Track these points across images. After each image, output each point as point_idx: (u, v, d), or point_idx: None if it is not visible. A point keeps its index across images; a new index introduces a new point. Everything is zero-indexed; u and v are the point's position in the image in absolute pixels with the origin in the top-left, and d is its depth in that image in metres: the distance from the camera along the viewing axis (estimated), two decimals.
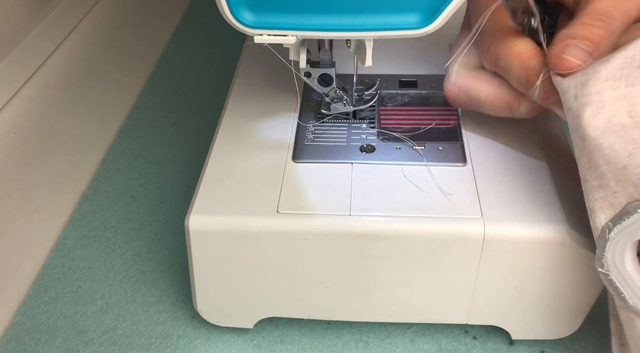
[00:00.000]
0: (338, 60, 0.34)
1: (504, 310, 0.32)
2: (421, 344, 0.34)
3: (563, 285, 0.30)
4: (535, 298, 0.31)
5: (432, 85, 0.38)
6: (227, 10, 0.26)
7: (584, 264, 0.29)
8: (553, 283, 0.30)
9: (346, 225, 0.29)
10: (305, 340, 0.34)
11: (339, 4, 0.26)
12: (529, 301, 0.31)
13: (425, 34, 0.27)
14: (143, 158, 0.48)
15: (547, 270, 0.30)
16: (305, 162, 0.33)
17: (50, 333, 0.35)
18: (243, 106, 0.37)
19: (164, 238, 0.41)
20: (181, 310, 0.36)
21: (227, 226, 0.30)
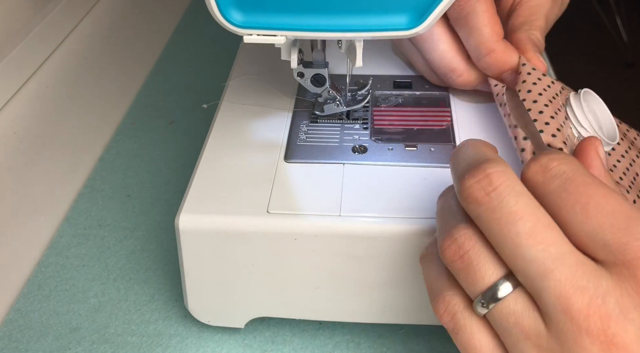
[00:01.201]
0: (331, 61, 0.34)
1: None
2: (413, 345, 0.34)
3: None
4: None
5: (427, 87, 0.38)
6: (216, 10, 0.26)
7: None
8: None
9: (336, 226, 0.29)
10: (296, 340, 0.34)
11: (328, 5, 0.26)
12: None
13: (416, 34, 0.27)
14: (140, 157, 0.48)
15: None
16: (297, 162, 0.33)
17: (43, 331, 0.35)
18: (237, 106, 0.37)
19: (158, 237, 0.41)
20: (173, 309, 0.36)
21: (217, 225, 0.30)
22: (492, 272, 0.21)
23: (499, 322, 0.21)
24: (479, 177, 0.22)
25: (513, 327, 0.21)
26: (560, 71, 0.55)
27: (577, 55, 1.57)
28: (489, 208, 0.21)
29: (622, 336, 0.19)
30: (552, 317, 0.20)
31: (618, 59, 1.65)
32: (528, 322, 0.20)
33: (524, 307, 0.21)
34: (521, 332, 0.21)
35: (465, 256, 0.22)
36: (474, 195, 0.22)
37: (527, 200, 0.21)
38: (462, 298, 0.23)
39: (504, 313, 0.21)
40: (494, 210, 0.21)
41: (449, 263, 0.23)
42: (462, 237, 0.22)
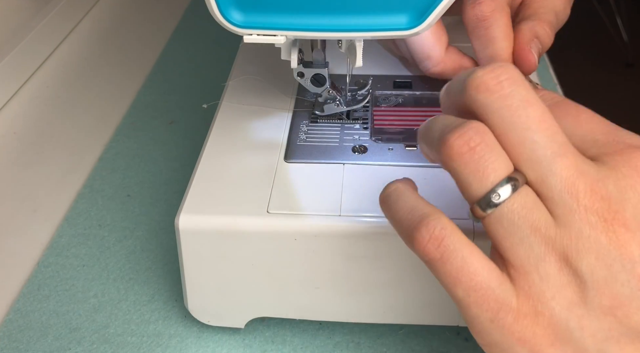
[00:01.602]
0: (331, 61, 0.34)
1: None
2: (412, 345, 0.34)
3: None
4: None
5: (427, 86, 0.38)
6: (216, 9, 0.26)
7: None
8: None
9: (336, 226, 0.29)
10: (296, 340, 0.34)
11: (328, 4, 0.26)
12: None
13: (416, 34, 0.27)
14: (140, 157, 0.48)
15: None
16: (297, 162, 0.33)
17: (43, 331, 0.35)
18: (237, 106, 0.37)
19: (158, 237, 0.41)
20: (173, 309, 0.36)
21: (217, 226, 0.30)
22: (505, 165, 0.21)
23: (507, 218, 0.21)
24: (489, 69, 0.22)
25: (522, 221, 0.21)
26: (561, 71, 0.55)
27: (577, 55, 1.57)
28: (501, 96, 0.21)
29: (622, 213, 0.20)
30: (558, 203, 0.20)
31: (618, 59, 1.65)
32: (537, 214, 0.20)
33: (534, 200, 0.21)
34: (530, 225, 0.20)
35: (477, 148, 0.21)
36: (486, 83, 0.21)
37: (534, 94, 0.22)
38: (449, 222, 0.22)
39: (515, 207, 0.21)
40: (506, 97, 0.21)
41: (456, 157, 0.21)
42: (472, 130, 0.21)
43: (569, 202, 0.20)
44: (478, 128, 0.21)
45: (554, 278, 0.20)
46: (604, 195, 0.20)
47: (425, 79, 0.39)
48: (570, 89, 0.39)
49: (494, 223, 0.21)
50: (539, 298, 0.20)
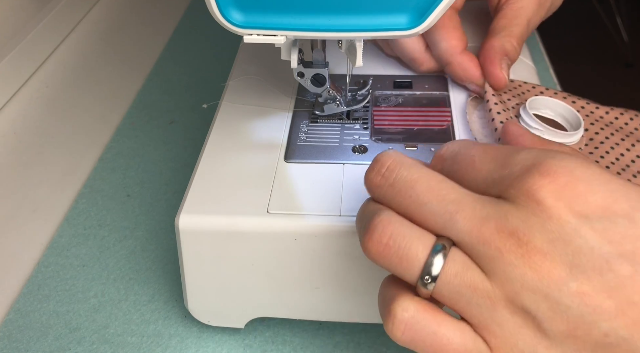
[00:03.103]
0: (331, 61, 0.34)
1: None
2: None
3: None
4: None
5: (427, 86, 0.38)
6: (216, 9, 0.26)
7: None
8: None
9: (336, 226, 0.29)
10: (296, 340, 0.34)
11: (329, 4, 0.26)
12: None
13: (415, 34, 0.27)
14: (140, 157, 0.48)
15: None
16: (297, 162, 0.33)
17: (43, 331, 0.35)
18: (237, 106, 0.37)
19: (158, 237, 0.41)
20: (173, 309, 0.36)
21: (217, 226, 0.30)
22: (422, 244, 0.22)
23: (447, 289, 0.22)
24: (374, 166, 0.24)
25: (461, 286, 0.21)
26: (560, 71, 0.55)
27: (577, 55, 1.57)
28: (387, 186, 0.23)
29: (533, 242, 0.20)
30: (479, 255, 0.21)
31: (618, 59, 1.65)
32: (470, 274, 0.21)
33: (463, 263, 0.22)
34: (468, 287, 0.21)
35: (389, 242, 0.22)
36: (373, 181, 0.24)
37: (417, 168, 0.23)
38: (411, 300, 0.22)
39: (449, 278, 0.22)
40: (392, 185, 0.23)
41: (377, 258, 0.23)
42: (379, 226, 0.23)
43: (486, 251, 0.21)
44: (382, 221, 0.23)
45: (511, 324, 0.21)
46: (511, 231, 0.20)
47: (425, 79, 0.39)
48: (570, 89, 0.39)
49: (440, 295, 0.22)
50: (506, 344, 0.21)
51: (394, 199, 0.23)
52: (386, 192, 0.23)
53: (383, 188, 0.23)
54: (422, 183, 0.23)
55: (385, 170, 0.24)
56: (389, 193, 0.23)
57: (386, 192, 0.23)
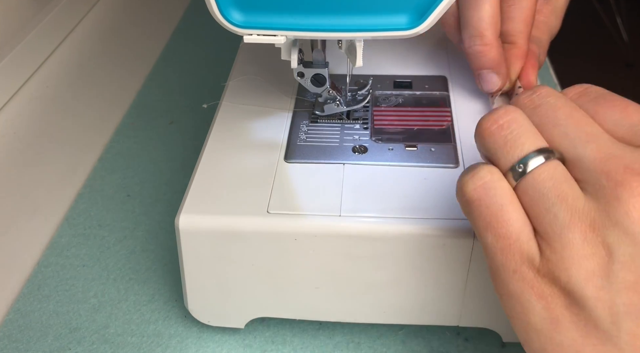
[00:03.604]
0: (331, 61, 0.34)
1: (495, 312, 0.32)
2: (412, 345, 0.34)
3: None
4: None
5: (427, 87, 0.38)
6: (216, 9, 0.26)
7: None
8: None
9: (336, 226, 0.29)
10: (296, 340, 0.34)
11: (328, 5, 0.26)
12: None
13: (416, 34, 0.27)
14: (140, 157, 0.48)
15: None
16: (297, 162, 0.33)
17: (43, 331, 0.35)
18: (237, 106, 0.37)
19: (157, 237, 0.41)
20: (173, 309, 0.36)
21: (217, 226, 0.30)
22: (534, 141, 0.22)
23: (534, 186, 0.21)
24: (529, 92, 0.24)
25: (550, 190, 0.21)
26: (560, 71, 0.55)
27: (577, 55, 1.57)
28: (533, 107, 0.23)
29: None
30: (589, 181, 0.21)
31: (618, 59, 1.65)
32: (566, 186, 0.21)
33: (563, 174, 0.21)
34: (557, 195, 0.21)
35: (505, 124, 0.23)
36: (522, 101, 0.24)
37: (565, 99, 0.23)
38: (500, 175, 0.23)
39: (542, 177, 0.21)
40: (539, 106, 0.23)
41: (485, 135, 0.23)
42: (502, 110, 0.23)
43: (600, 180, 0.20)
44: (507, 108, 0.23)
45: (577, 248, 0.20)
46: (637, 173, 0.20)
47: (425, 79, 0.39)
48: None
49: (523, 192, 0.22)
50: (558, 263, 0.21)
51: (534, 113, 0.23)
52: (529, 109, 0.23)
53: (527, 109, 0.24)
54: (566, 110, 0.23)
55: (536, 96, 0.24)
56: (529, 110, 0.23)
57: (528, 109, 0.23)
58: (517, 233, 0.22)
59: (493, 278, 0.23)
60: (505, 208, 0.22)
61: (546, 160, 0.22)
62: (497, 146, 0.23)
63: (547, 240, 0.21)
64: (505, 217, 0.22)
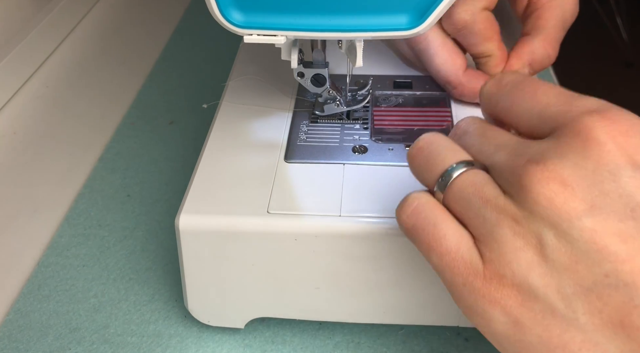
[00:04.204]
0: (331, 61, 0.34)
1: None
2: (413, 345, 0.34)
3: None
4: None
5: (427, 87, 0.38)
6: (216, 9, 0.26)
7: None
8: None
9: (336, 226, 0.29)
10: (296, 340, 0.34)
11: (328, 5, 0.26)
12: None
13: (416, 34, 0.27)
14: (140, 157, 0.48)
15: None
16: (297, 162, 0.33)
17: (43, 331, 0.35)
18: (237, 106, 0.37)
19: (158, 237, 0.41)
20: (173, 309, 0.36)
21: (217, 225, 0.30)
22: (454, 155, 0.24)
23: (459, 194, 0.23)
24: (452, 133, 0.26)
25: (473, 194, 0.22)
26: (560, 71, 0.55)
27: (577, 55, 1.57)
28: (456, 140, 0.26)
29: (560, 172, 0.20)
30: (504, 183, 0.22)
31: (618, 59, 1.65)
32: (487, 188, 0.22)
33: (484, 178, 0.23)
34: (481, 198, 0.22)
35: (424, 145, 0.25)
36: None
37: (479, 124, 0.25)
38: (428, 197, 0.24)
39: (465, 184, 0.23)
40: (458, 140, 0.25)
41: (410, 161, 0.25)
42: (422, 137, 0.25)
43: (509, 175, 0.22)
44: (427, 134, 0.25)
45: (510, 242, 0.21)
46: (539, 160, 0.21)
47: (425, 79, 0.39)
48: (571, 89, 0.39)
49: (452, 203, 0.23)
50: (499, 261, 0.21)
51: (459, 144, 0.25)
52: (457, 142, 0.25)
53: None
54: (478, 132, 0.24)
55: (458, 131, 0.26)
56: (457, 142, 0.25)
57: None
58: (456, 246, 0.22)
59: (452, 297, 0.23)
60: (439, 225, 0.23)
61: (467, 169, 0.23)
62: (420, 167, 0.24)
63: (484, 242, 0.22)
64: (440, 234, 0.23)
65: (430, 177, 0.24)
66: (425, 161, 0.24)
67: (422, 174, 0.24)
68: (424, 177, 0.24)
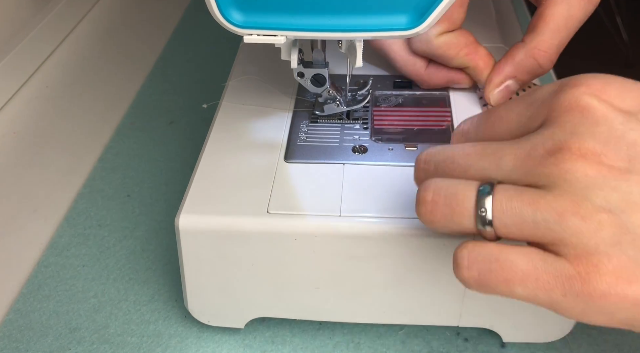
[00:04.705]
0: (331, 61, 0.34)
1: (494, 312, 0.32)
2: (412, 345, 0.34)
3: None
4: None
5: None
6: (216, 9, 0.26)
7: None
8: None
9: (336, 226, 0.29)
10: (296, 340, 0.34)
11: (328, 5, 0.26)
12: (520, 303, 0.31)
13: (416, 34, 0.27)
14: (139, 157, 0.48)
15: None
16: (297, 162, 0.33)
17: (43, 331, 0.35)
18: (237, 106, 0.37)
19: (157, 237, 0.41)
20: (173, 309, 0.36)
21: (217, 225, 0.30)
22: (467, 187, 0.22)
23: (508, 217, 0.21)
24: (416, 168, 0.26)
25: (520, 209, 0.21)
26: (560, 71, 0.55)
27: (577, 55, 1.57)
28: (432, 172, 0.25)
29: (587, 146, 0.20)
30: (533, 178, 0.21)
31: (618, 59, 1.65)
32: (526, 194, 0.21)
33: (514, 189, 0.21)
34: (529, 205, 0.21)
35: (435, 196, 0.22)
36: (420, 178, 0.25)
37: (448, 146, 0.24)
38: (470, 243, 0.22)
39: (504, 206, 0.21)
40: (436, 169, 0.24)
41: (431, 219, 0.23)
42: (422, 188, 0.23)
43: (541, 171, 0.21)
44: (424, 185, 0.23)
45: (585, 229, 0.20)
46: (560, 146, 0.20)
47: None
48: None
49: (505, 227, 0.21)
50: (587, 252, 0.20)
51: (437, 173, 0.24)
52: (433, 176, 0.24)
53: (430, 172, 0.24)
54: (459, 153, 0.23)
55: (424, 164, 0.25)
56: (436, 176, 0.24)
57: (433, 176, 0.24)
58: (531, 264, 0.21)
59: (562, 315, 0.22)
60: (501, 258, 0.21)
61: (492, 189, 0.21)
62: (447, 218, 0.22)
63: (560, 243, 0.20)
64: (508, 264, 0.21)
65: (467, 220, 0.22)
66: (448, 209, 0.22)
67: (455, 223, 0.22)
68: (459, 226, 0.22)
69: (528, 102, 0.23)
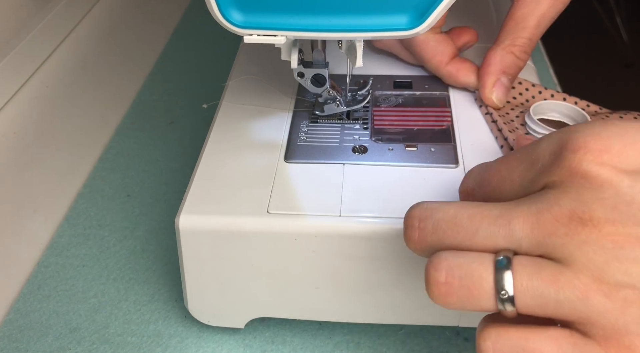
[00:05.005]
0: (331, 61, 0.34)
1: None
2: (412, 345, 0.34)
3: None
4: None
5: (427, 87, 0.38)
6: (216, 10, 0.26)
7: None
8: None
9: (336, 226, 0.29)
10: (296, 340, 0.34)
11: (328, 5, 0.26)
12: None
13: (416, 34, 0.27)
14: (140, 157, 0.48)
15: None
16: (297, 162, 0.33)
17: (43, 331, 0.35)
18: (237, 106, 0.37)
19: (157, 237, 0.41)
20: (173, 309, 0.36)
21: (217, 225, 0.30)
22: (483, 265, 0.21)
23: (529, 297, 0.20)
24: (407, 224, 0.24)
25: (541, 287, 0.20)
26: (560, 71, 0.55)
27: (577, 56, 1.57)
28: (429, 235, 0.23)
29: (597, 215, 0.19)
30: (547, 250, 0.20)
31: (618, 59, 1.65)
32: (546, 270, 0.20)
33: (532, 263, 0.20)
34: (549, 284, 0.20)
35: (448, 278, 0.21)
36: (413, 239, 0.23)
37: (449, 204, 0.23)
38: (487, 327, 0.21)
39: (526, 284, 0.20)
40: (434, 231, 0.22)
41: (446, 300, 0.21)
42: (431, 267, 0.21)
43: (555, 242, 0.20)
44: (433, 262, 0.21)
45: (610, 307, 0.19)
46: (569, 214, 0.20)
47: (425, 79, 0.39)
48: (570, 89, 0.39)
49: (526, 307, 0.20)
50: (615, 332, 0.19)
51: (443, 243, 0.22)
52: (431, 241, 0.22)
53: (427, 240, 0.22)
54: (462, 214, 0.22)
55: (419, 222, 0.23)
56: (434, 240, 0.22)
57: (431, 241, 0.22)
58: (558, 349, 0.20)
59: None
60: (527, 347, 0.20)
61: (508, 263, 0.20)
62: (465, 299, 0.21)
63: (587, 322, 0.20)
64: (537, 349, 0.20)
65: (486, 300, 0.20)
66: (466, 290, 0.21)
67: (473, 304, 0.21)
68: (478, 305, 0.21)
69: (529, 162, 0.22)
